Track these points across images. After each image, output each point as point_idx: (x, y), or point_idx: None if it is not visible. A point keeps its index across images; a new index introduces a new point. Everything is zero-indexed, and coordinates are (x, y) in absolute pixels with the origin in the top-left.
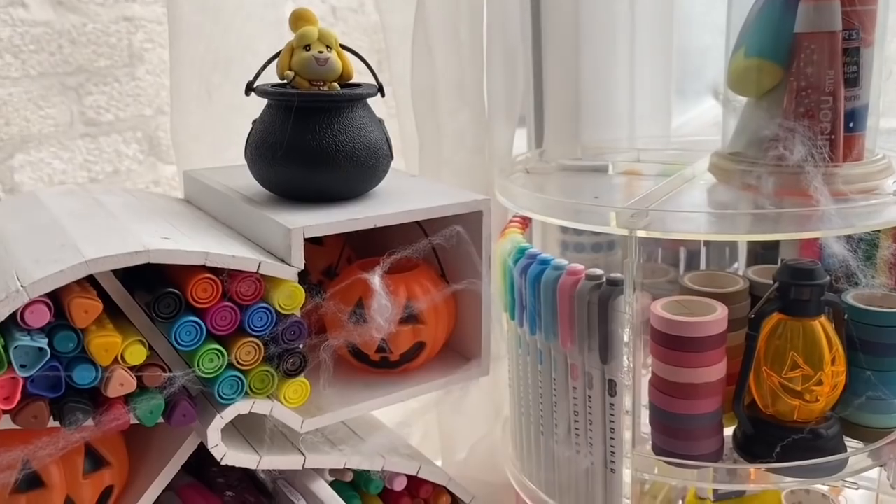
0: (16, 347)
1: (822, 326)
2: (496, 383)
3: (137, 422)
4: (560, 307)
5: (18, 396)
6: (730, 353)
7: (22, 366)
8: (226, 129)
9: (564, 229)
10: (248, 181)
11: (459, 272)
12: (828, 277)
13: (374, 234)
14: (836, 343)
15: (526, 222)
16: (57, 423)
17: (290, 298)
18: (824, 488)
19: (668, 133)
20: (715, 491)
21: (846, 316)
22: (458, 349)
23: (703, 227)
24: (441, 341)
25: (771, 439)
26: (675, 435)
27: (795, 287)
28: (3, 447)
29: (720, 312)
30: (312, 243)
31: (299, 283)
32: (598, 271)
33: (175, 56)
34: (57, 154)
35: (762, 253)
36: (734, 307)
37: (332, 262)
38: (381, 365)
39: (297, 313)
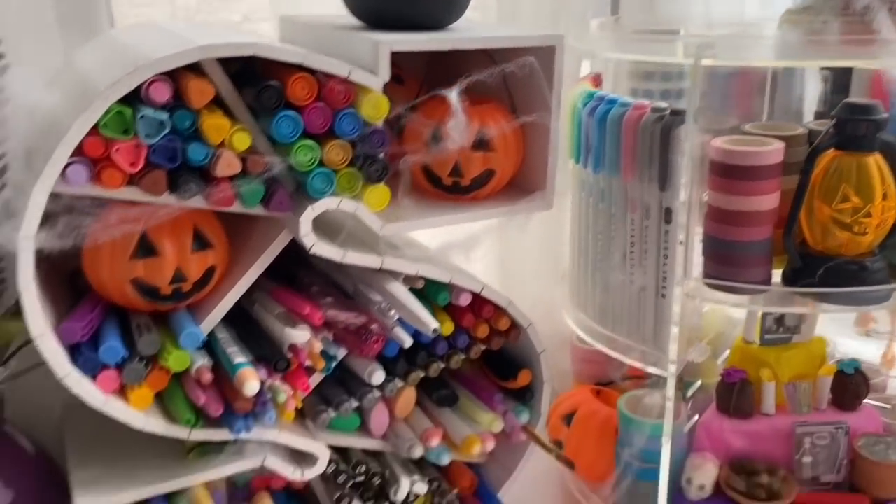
0: (141, 117)
1: (875, 162)
2: (558, 240)
3: (240, 203)
4: (624, 140)
5: (143, 163)
6: (784, 197)
7: (147, 135)
8: None
9: (634, 76)
10: (340, 21)
11: (530, 107)
12: (886, 115)
13: (451, 74)
14: (889, 180)
15: (598, 80)
16: (173, 196)
17: (376, 108)
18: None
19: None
20: (762, 336)
21: None
22: (525, 186)
23: (769, 53)
24: (509, 172)
25: (820, 272)
26: (725, 262)
27: (852, 122)
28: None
29: (777, 145)
30: (394, 82)
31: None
32: (663, 104)
33: None
34: None
35: (829, 111)
36: (791, 150)
37: (411, 99)
38: (454, 190)
39: (381, 123)
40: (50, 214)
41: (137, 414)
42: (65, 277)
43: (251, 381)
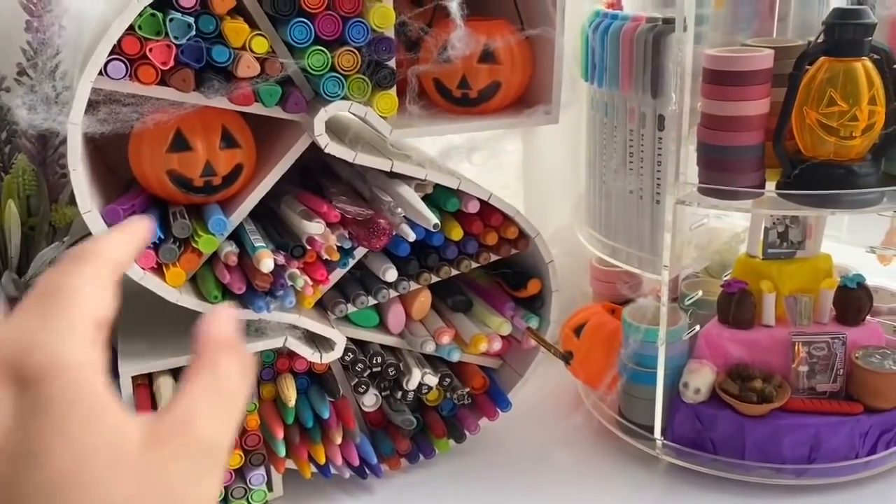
0: (171, 20)
1: (863, 68)
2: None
3: (260, 103)
4: (622, 51)
5: (173, 62)
6: (774, 110)
7: (176, 36)
8: None
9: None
10: None
11: (537, 25)
12: (875, 20)
13: None
14: (876, 84)
15: (615, 4)
16: (199, 94)
17: (384, 18)
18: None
19: None
20: (765, 250)
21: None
22: (533, 103)
23: None
24: (516, 85)
25: (809, 178)
26: (718, 167)
27: (840, 26)
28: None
29: (767, 52)
30: (413, 2)
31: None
32: (658, 14)
33: None
34: None
35: None
36: (788, 62)
37: (427, 20)
38: (463, 102)
39: (389, 33)
40: (94, 104)
41: (172, 290)
42: (122, 188)
43: (266, 260)
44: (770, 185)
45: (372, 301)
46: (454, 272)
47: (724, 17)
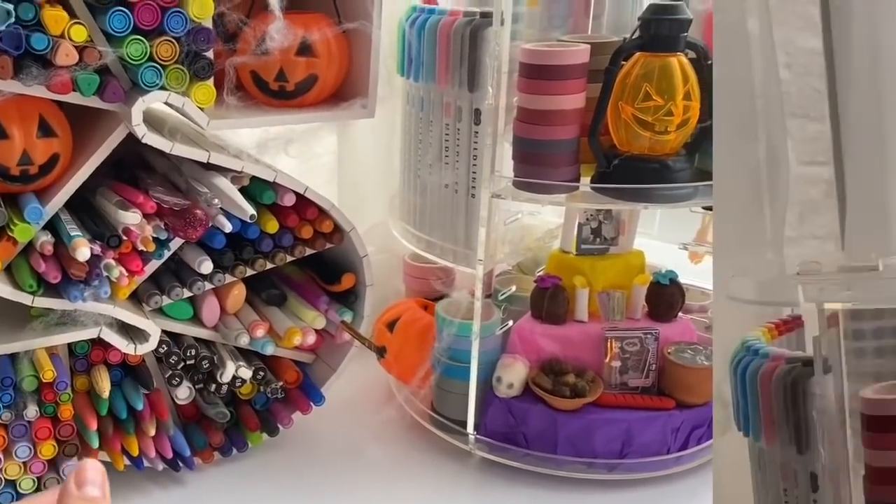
0: None
1: (679, 63)
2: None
3: (77, 91)
4: (439, 46)
5: None
6: (589, 105)
7: None
8: None
9: None
10: None
11: (355, 19)
12: (690, 16)
13: None
14: (692, 80)
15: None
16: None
17: (203, 8)
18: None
19: None
20: (578, 246)
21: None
22: (351, 97)
23: None
24: (333, 79)
25: (624, 172)
26: (533, 161)
27: (656, 22)
28: None
29: (583, 47)
30: None
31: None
32: (475, 9)
33: None
34: None
35: None
36: (603, 58)
37: (245, 12)
38: (280, 95)
39: (208, 23)
40: None
41: None
42: None
43: (83, 248)
44: (584, 181)
45: (187, 293)
46: (269, 265)
47: (538, 15)
